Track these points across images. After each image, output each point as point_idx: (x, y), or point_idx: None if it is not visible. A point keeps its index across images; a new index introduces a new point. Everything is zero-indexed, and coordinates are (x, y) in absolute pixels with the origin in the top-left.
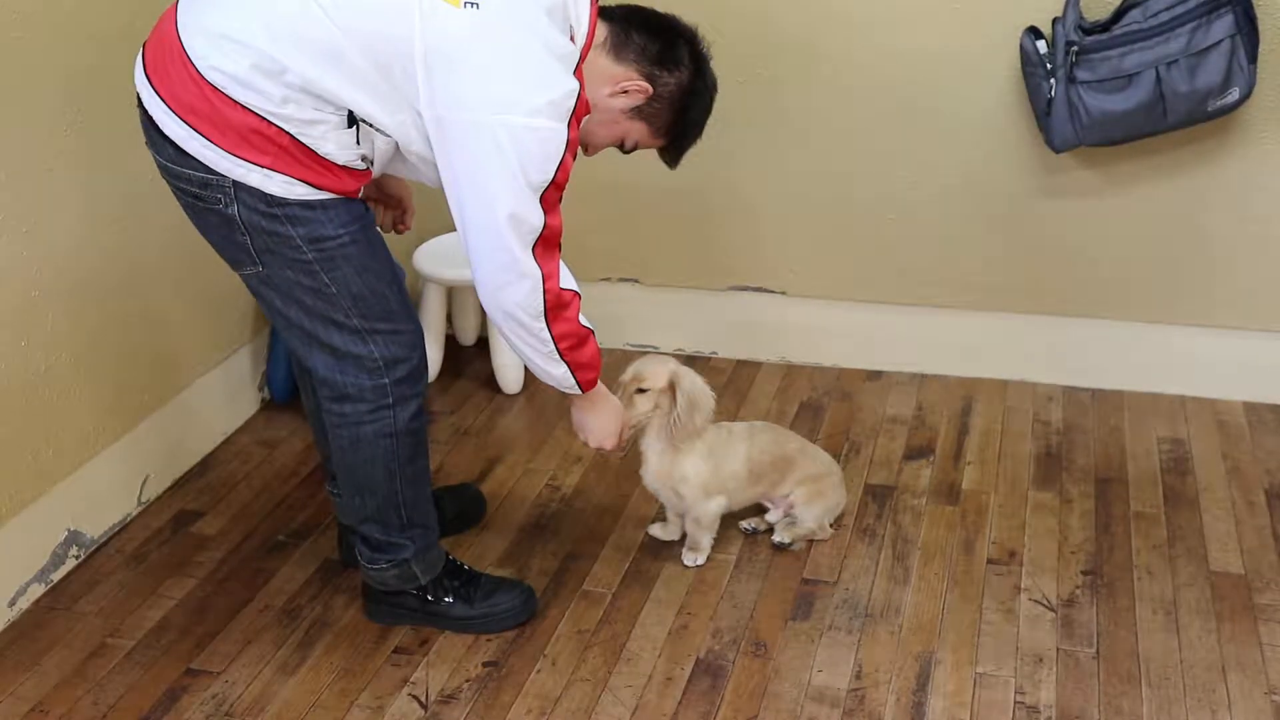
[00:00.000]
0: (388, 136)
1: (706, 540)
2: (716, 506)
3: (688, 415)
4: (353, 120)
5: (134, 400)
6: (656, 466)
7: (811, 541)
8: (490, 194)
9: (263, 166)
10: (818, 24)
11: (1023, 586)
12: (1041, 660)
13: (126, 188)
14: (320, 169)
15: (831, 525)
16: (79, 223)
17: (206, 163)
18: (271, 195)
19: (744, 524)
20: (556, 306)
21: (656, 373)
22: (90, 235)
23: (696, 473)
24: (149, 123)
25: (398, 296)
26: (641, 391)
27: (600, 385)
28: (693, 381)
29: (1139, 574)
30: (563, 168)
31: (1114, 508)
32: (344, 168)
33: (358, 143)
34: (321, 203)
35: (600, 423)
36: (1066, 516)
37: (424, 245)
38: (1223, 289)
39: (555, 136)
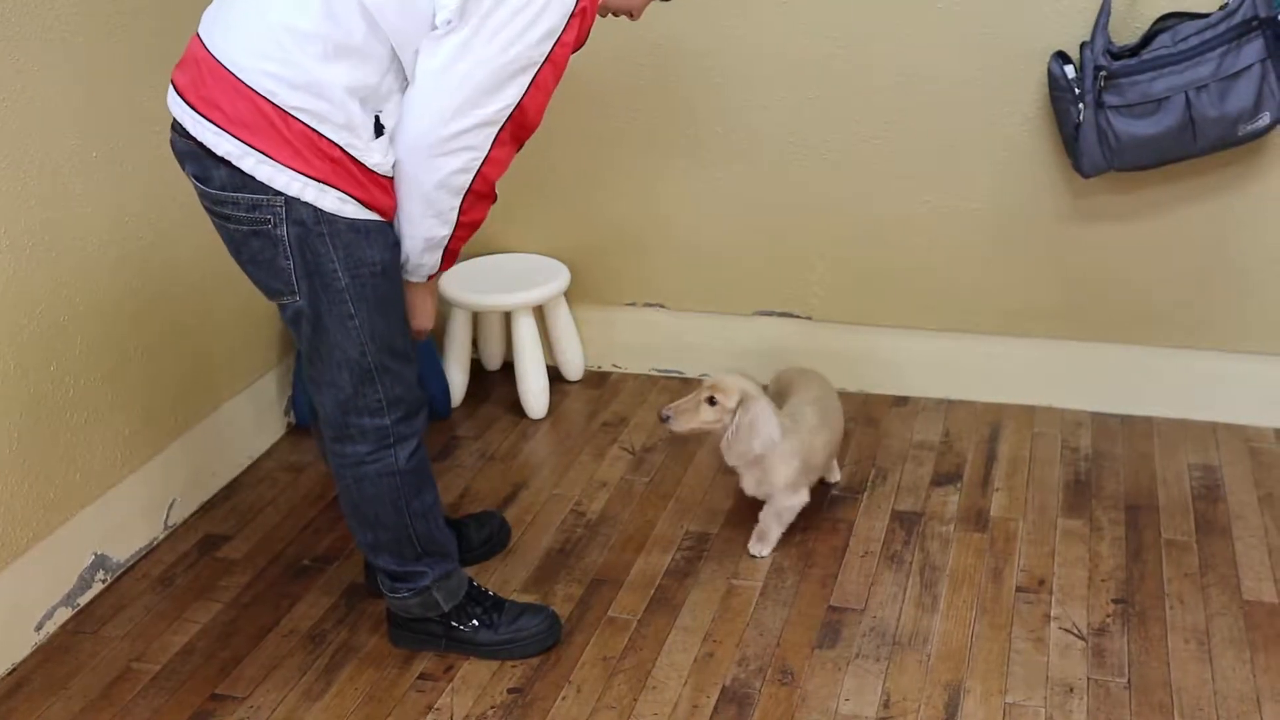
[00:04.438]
0: None
1: (777, 533)
2: (800, 501)
3: (744, 440)
4: (379, 129)
5: (161, 424)
6: (746, 482)
7: (838, 569)
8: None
9: (318, 180)
10: (844, 48)
11: (1052, 615)
12: (1072, 690)
13: (155, 212)
14: (369, 183)
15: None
16: (107, 248)
17: (262, 179)
18: (322, 211)
19: None
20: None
21: (731, 389)
22: (119, 260)
23: (785, 476)
24: (197, 149)
25: (404, 337)
26: (712, 403)
27: None
28: (760, 410)
29: (1170, 603)
30: (569, 29)
31: (1145, 535)
32: (390, 181)
33: (389, 152)
34: (365, 225)
35: (432, 303)
36: (1096, 544)
37: (448, 272)
38: (1253, 314)
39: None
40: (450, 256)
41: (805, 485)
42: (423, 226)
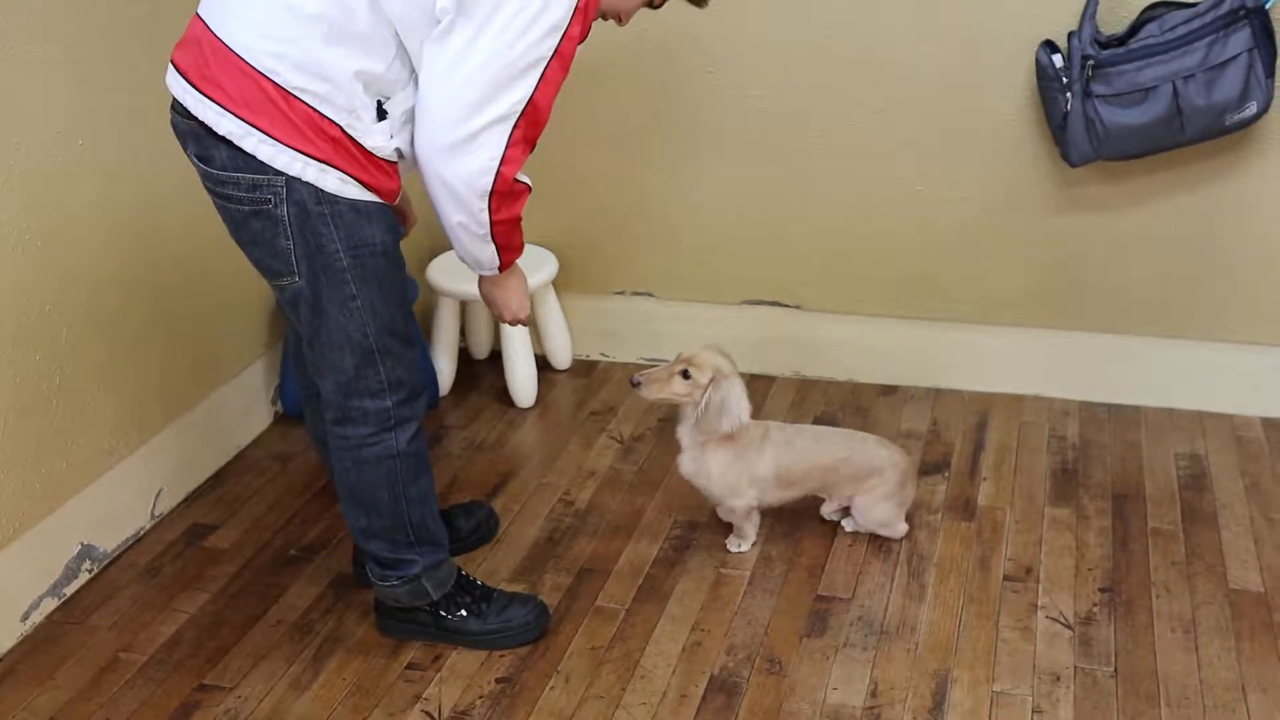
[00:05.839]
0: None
1: (749, 529)
2: (744, 503)
3: (713, 417)
4: (382, 114)
5: (148, 414)
6: (687, 459)
7: (825, 559)
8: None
9: (319, 160)
10: (832, 39)
11: (1039, 604)
12: (1059, 679)
13: (142, 200)
14: (369, 164)
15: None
16: (94, 235)
17: (263, 159)
18: (323, 191)
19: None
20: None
21: (705, 364)
22: (105, 248)
23: (721, 472)
24: (198, 129)
25: (405, 319)
26: (686, 376)
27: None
28: (731, 388)
29: (1157, 592)
30: (569, 33)
31: (1131, 524)
32: (388, 163)
33: (391, 136)
34: (367, 206)
35: (515, 296)
36: (1083, 533)
37: (437, 259)
38: (1240, 303)
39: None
40: (506, 251)
41: (747, 490)
42: (459, 227)
